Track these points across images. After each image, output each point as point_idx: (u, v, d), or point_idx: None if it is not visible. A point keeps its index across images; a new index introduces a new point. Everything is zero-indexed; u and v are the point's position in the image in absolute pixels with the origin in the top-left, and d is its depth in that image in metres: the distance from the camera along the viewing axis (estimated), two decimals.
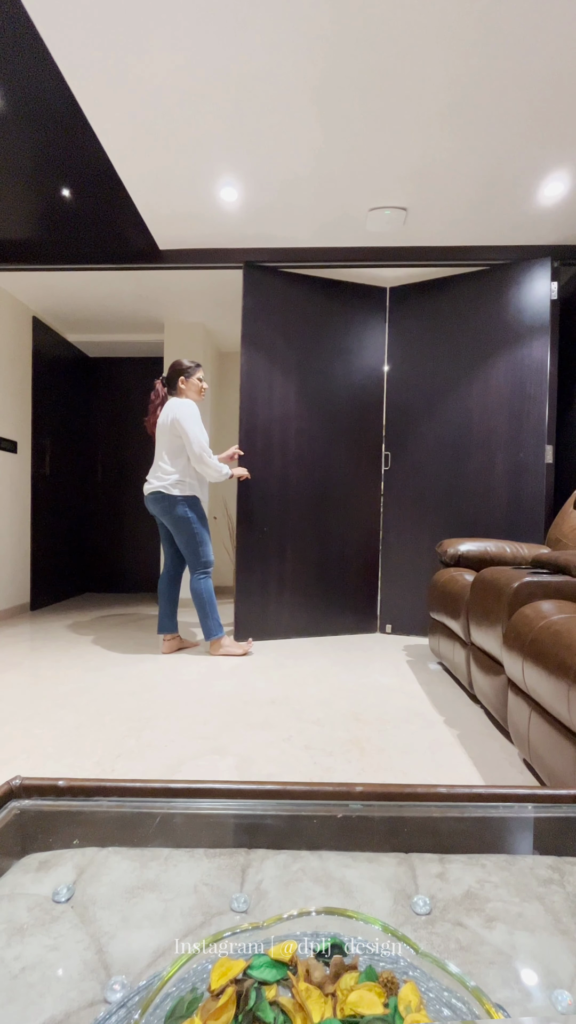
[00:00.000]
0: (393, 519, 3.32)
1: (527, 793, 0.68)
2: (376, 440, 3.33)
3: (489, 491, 3.12)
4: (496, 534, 3.10)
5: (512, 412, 3.07)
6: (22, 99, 1.98)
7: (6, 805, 0.66)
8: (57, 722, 1.83)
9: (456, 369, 3.17)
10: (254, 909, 0.58)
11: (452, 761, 1.57)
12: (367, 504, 3.33)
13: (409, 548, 3.28)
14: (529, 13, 1.64)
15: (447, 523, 3.20)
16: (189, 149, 2.27)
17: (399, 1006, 0.43)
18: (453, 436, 3.19)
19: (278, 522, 3.17)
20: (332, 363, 3.24)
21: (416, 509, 3.26)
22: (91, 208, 2.68)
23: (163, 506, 2.73)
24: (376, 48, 1.77)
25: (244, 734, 1.74)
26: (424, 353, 3.24)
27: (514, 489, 3.08)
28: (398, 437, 3.31)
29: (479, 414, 3.13)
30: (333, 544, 3.27)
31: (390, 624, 3.31)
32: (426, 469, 3.25)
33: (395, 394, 3.31)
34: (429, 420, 3.24)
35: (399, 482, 3.30)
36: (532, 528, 3.06)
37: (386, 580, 3.33)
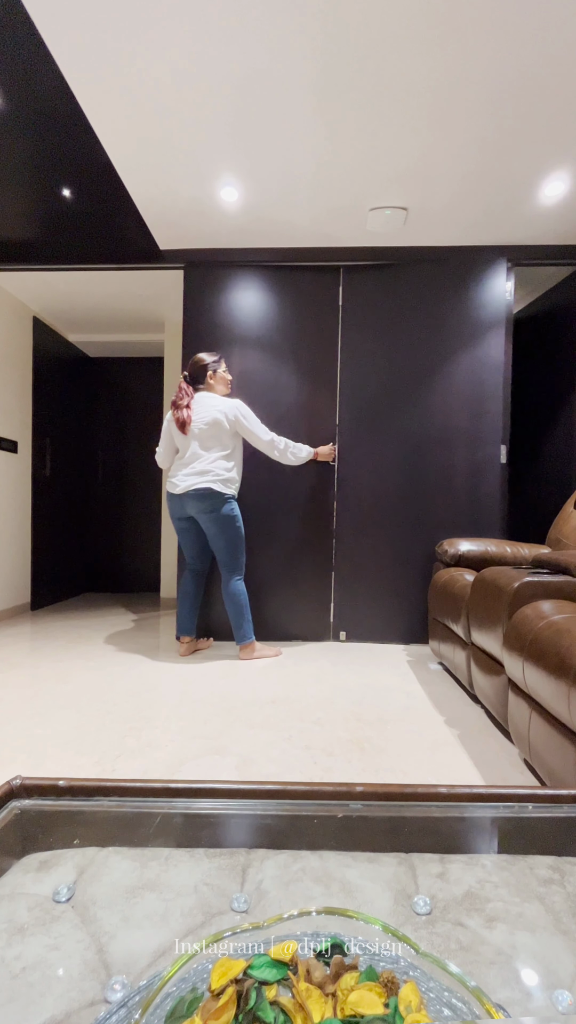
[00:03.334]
0: (349, 519, 3.14)
1: (527, 793, 0.68)
2: (328, 434, 3.13)
3: (450, 490, 3.07)
4: (457, 534, 3.07)
5: (472, 411, 3.05)
6: (22, 99, 1.98)
7: (6, 805, 0.66)
8: (57, 722, 1.83)
9: (415, 363, 3.09)
10: (254, 909, 0.58)
11: (452, 761, 1.57)
12: (319, 503, 3.15)
13: (366, 550, 3.12)
14: (529, 13, 1.64)
15: (407, 523, 3.10)
16: (189, 149, 2.27)
17: (399, 1006, 0.43)
18: (413, 432, 3.10)
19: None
20: (282, 353, 3.12)
21: (375, 508, 3.14)
22: (91, 208, 2.68)
23: (209, 503, 2.63)
24: (375, 48, 1.77)
25: (244, 734, 1.74)
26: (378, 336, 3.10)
27: (474, 488, 3.05)
28: (353, 432, 3.14)
29: (440, 410, 3.08)
30: (282, 546, 3.13)
31: (344, 631, 3.13)
32: (385, 466, 3.14)
33: (349, 386, 3.13)
34: (387, 415, 3.12)
35: (354, 480, 3.14)
36: (490, 528, 3.05)
37: (340, 585, 3.14)
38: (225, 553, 2.72)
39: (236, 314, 3.11)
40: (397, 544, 3.11)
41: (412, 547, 3.09)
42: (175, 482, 2.69)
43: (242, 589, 2.75)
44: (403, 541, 3.10)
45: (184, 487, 2.65)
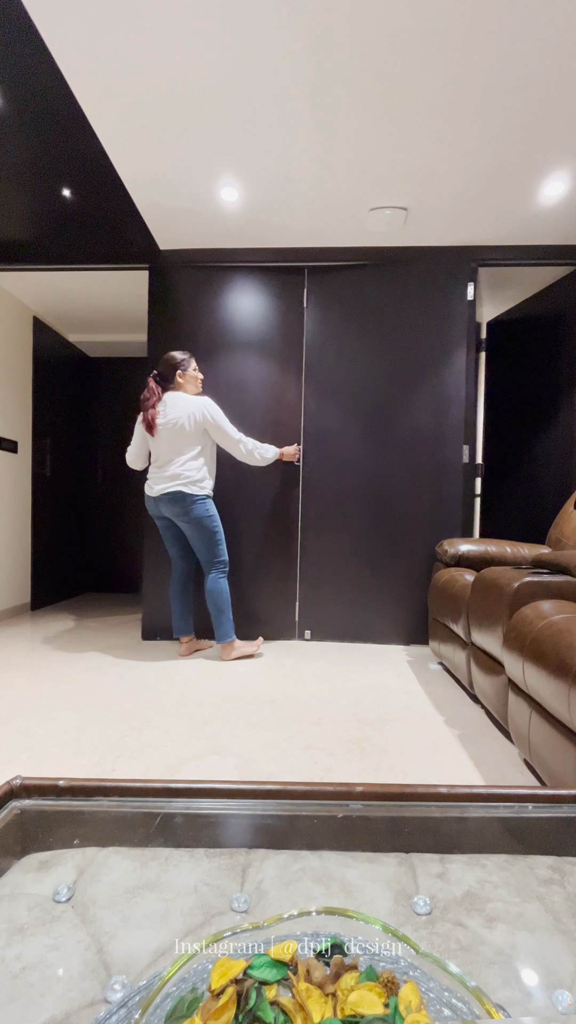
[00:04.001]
0: (313, 520, 3.13)
1: (527, 793, 0.68)
2: (293, 435, 3.13)
3: (413, 490, 3.08)
4: (420, 534, 3.08)
5: (435, 410, 3.06)
6: (22, 99, 1.98)
7: (6, 805, 0.66)
8: (57, 722, 1.83)
9: (380, 361, 3.09)
10: (254, 909, 0.58)
11: (452, 761, 1.57)
12: (284, 503, 3.14)
13: (330, 550, 3.12)
14: (528, 13, 1.64)
15: (371, 523, 3.10)
16: (189, 149, 2.27)
17: (399, 1006, 0.43)
18: (378, 432, 3.10)
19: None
20: (247, 352, 3.12)
21: (339, 509, 3.14)
22: (91, 208, 2.68)
23: (181, 506, 2.65)
24: (375, 48, 1.77)
25: (244, 734, 1.74)
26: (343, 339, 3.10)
27: (437, 488, 3.07)
28: (317, 431, 3.13)
29: (404, 409, 3.08)
30: (247, 546, 3.14)
31: (309, 631, 3.14)
32: (349, 467, 3.13)
33: (315, 387, 3.13)
34: (352, 416, 3.11)
35: (318, 479, 3.13)
36: (452, 528, 3.06)
37: (305, 584, 3.14)
38: (204, 551, 2.72)
39: (204, 315, 3.12)
40: (361, 544, 3.12)
41: (376, 547, 3.11)
42: (151, 484, 2.72)
43: (222, 587, 2.73)
44: (367, 541, 3.12)
45: (158, 491, 2.68)
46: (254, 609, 3.16)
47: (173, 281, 3.12)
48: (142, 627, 3.17)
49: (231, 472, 3.09)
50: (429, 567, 3.07)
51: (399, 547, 3.10)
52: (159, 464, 2.70)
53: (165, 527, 2.81)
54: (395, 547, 3.10)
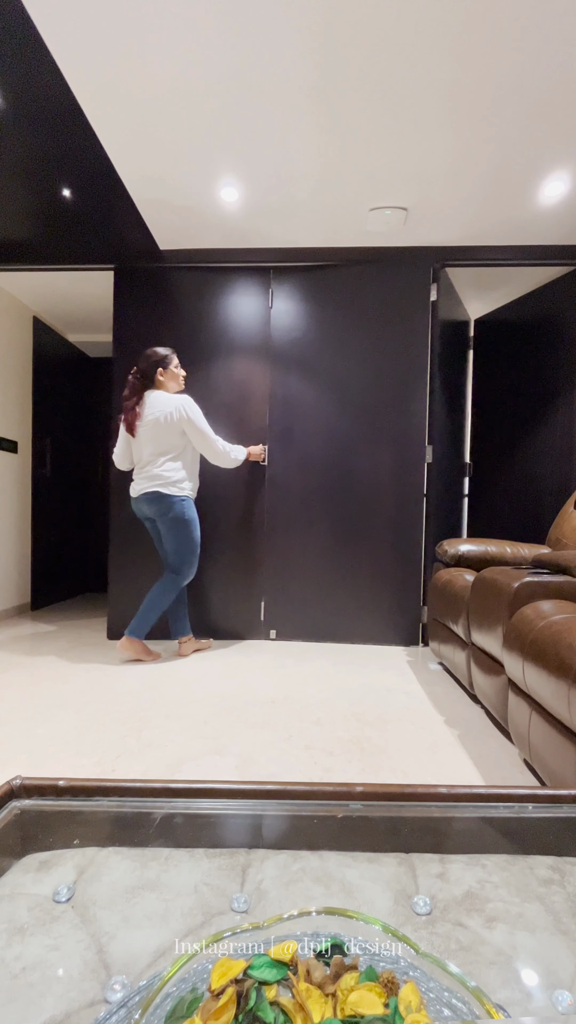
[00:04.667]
0: (279, 520, 3.13)
1: (527, 793, 0.68)
2: (259, 435, 3.12)
3: (377, 490, 3.09)
4: (384, 535, 3.09)
5: (399, 410, 3.07)
6: (22, 99, 1.98)
7: (6, 805, 0.66)
8: (57, 722, 1.83)
9: (346, 361, 3.09)
10: (254, 909, 0.58)
11: (452, 761, 1.57)
12: (249, 503, 3.14)
13: (296, 550, 3.12)
14: (528, 12, 1.64)
15: (337, 523, 3.11)
16: (189, 149, 2.27)
17: (399, 1006, 0.43)
18: (343, 432, 3.10)
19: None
20: (212, 351, 3.12)
21: (305, 508, 3.13)
22: (91, 208, 2.68)
23: (161, 506, 2.63)
24: (375, 48, 1.77)
25: (244, 734, 1.74)
26: (308, 338, 3.11)
27: (400, 488, 3.08)
28: (283, 432, 3.12)
29: (368, 409, 3.09)
30: (213, 545, 3.11)
31: (274, 630, 3.13)
32: (314, 467, 3.13)
33: (280, 386, 3.13)
34: (316, 416, 3.11)
35: (283, 480, 3.14)
36: (414, 528, 3.07)
37: (271, 584, 3.13)
38: (176, 553, 2.68)
39: (170, 316, 3.13)
40: (327, 544, 3.13)
41: (341, 547, 3.12)
42: (133, 485, 2.71)
43: (170, 593, 2.68)
44: (332, 541, 3.12)
45: (137, 491, 2.67)
46: (218, 608, 3.16)
47: (138, 281, 3.13)
48: (108, 626, 3.17)
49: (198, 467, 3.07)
50: (393, 567, 3.10)
51: (363, 547, 3.11)
52: (140, 464, 2.68)
53: (152, 529, 2.79)
54: (359, 547, 3.11)
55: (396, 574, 3.11)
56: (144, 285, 3.13)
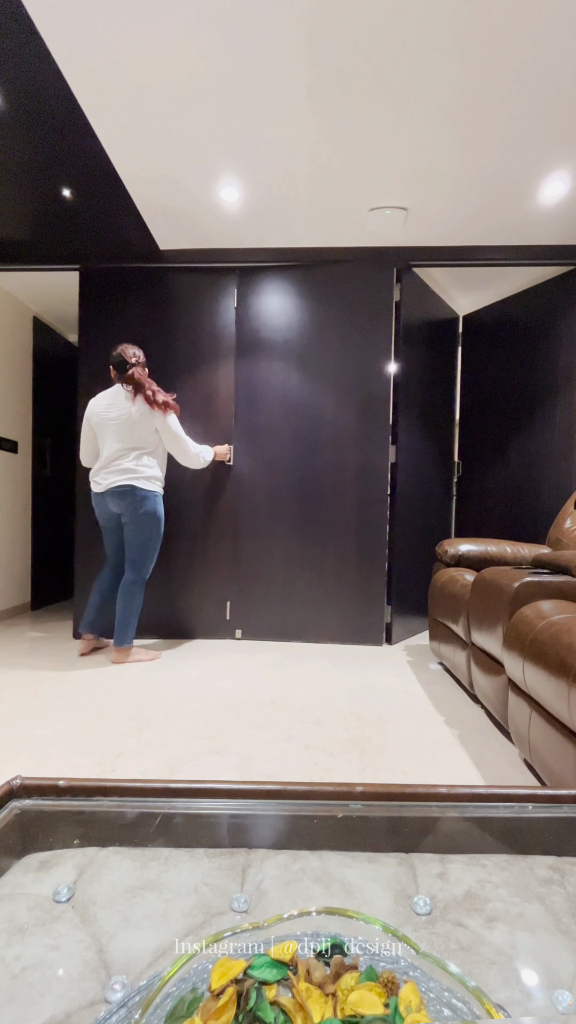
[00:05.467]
0: (245, 519, 3.14)
1: (527, 793, 0.68)
2: (225, 435, 3.14)
3: (341, 490, 3.10)
4: (348, 535, 3.10)
5: (361, 411, 3.08)
6: (22, 99, 1.98)
7: (6, 805, 0.66)
8: (57, 722, 1.83)
9: (307, 360, 3.11)
10: (254, 909, 0.58)
11: (452, 761, 1.57)
12: (215, 502, 3.15)
13: (262, 550, 3.13)
14: (529, 12, 1.64)
15: (301, 522, 3.12)
16: (189, 149, 2.27)
17: (399, 1006, 0.43)
18: (306, 430, 3.11)
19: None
20: (176, 350, 3.13)
21: (270, 508, 3.14)
22: (91, 208, 2.68)
23: (131, 501, 2.60)
24: (375, 48, 1.77)
25: (244, 734, 1.74)
26: (274, 340, 3.13)
27: (363, 488, 3.09)
28: (249, 432, 3.14)
29: (331, 409, 3.10)
30: (179, 544, 3.13)
31: (240, 629, 3.15)
32: (280, 466, 3.13)
33: (244, 383, 3.14)
34: (282, 416, 3.12)
35: (249, 480, 3.14)
36: (378, 528, 3.08)
37: (236, 583, 3.15)
38: (140, 550, 2.66)
39: (136, 315, 3.13)
40: (292, 543, 3.14)
41: (307, 547, 3.13)
42: (97, 480, 2.66)
43: (138, 593, 2.68)
44: (298, 541, 3.13)
45: (106, 484, 2.62)
46: (183, 608, 3.16)
47: (105, 281, 3.13)
48: (74, 625, 3.16)
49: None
50: (358, 567, 3.11)
51: (329, 547, 3.12)
52: (110, 458, 2.63)
53: (109, 529, 2.75)
54: (325, 547, 3.12)
55: (361, 574, 3.11)
56: (111, 285, 3.13)
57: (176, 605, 3.15)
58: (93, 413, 2.67)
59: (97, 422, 2.66)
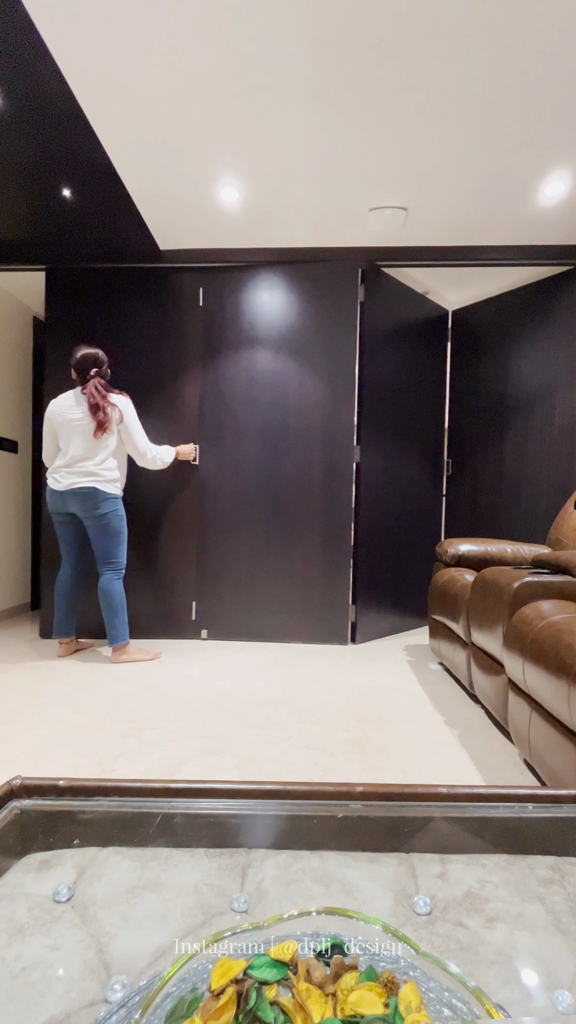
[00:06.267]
0: (211, 519, 3.14)
1: (527, 793, 0.68)
2: (190, 434, 3.14)
3: (307, 489, 3.11)
4: (314, 535, 3.10)
5: (326, 410, 3.09)
6: (22, 99, 1.98)
7: (6, 805, 0.66)
8: (57, 722, 1.83)
9: (275, 360, 3.11)
10: (254, 909, 0.58)
11: (453, 761, 1.57)
12: (181, 502, 3.15)
13: (228, 549, 3.13)
14: (529, 12, 1.64)
15: (267, 522, 3.12)
16: (189, 149, 2.27)
17: (399, 1006, 0.43)
18: (272, 430, 3.12)
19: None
20: (140, 350, 3.14)
21: (236, 508, 3.14)
22: (91, 208, 2.68)
23: (92, 502, 2.61)
24: (376, 48, 1.77)
25: (244, 734, 1.74)
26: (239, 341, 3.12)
27: (328, 487, 3.10)
28: (215, 431, 3.14)
29: (297, 409, 3.10)
30: (145, 544, 3.11)
31: (206, 629, 3.14)
32: (246, 466, 3.14)
33: (210, 383, 3.14)
34: (247, 412, 3.13)
35: (215, 479, 3.14)
36: (343, 527, 3.09)
37: (202, 583, 3.14)
38: (106, 550, 2.67)
39: (102, 317, 3.14)
40: (258, 543, 3.14)
41: (272, 547, 3.13)
42: (57, 478, 2.66)
43: (117, 588, 2.69)
44: (264, 541, 3.13)
45: (66, 484, 2.62)
46: (149, 608, 3.15)
47: (71, 280, 3.14)
48: (40, 625, 3.16)
49: (128, 470, 3.02)
50: (323, 566, 3.11)
51: (295, 547, 3.12)
52: (74, 459, 2.63)
53: (62, 523, 2.74)
54: (291, 547, 3.12)
55: (327, 574, 3.12)
56: (76, 285, 3.14)
57: (142, 605, 3.14)
58: (55, 413, 2.67)
59: (59, 422, 2.66)
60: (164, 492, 3.16)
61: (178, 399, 3.15)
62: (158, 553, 3.15)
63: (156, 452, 2.78)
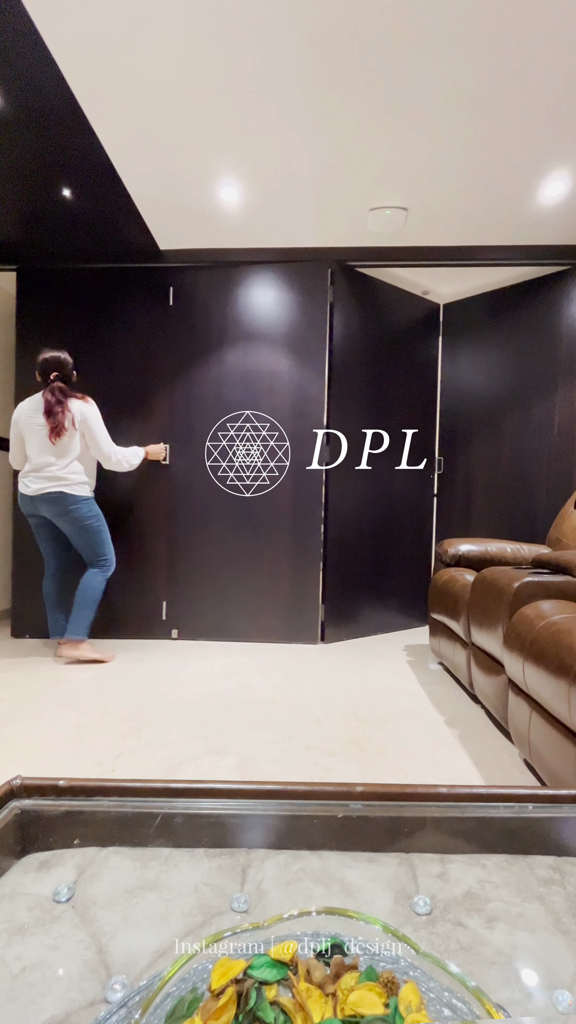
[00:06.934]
0: (182, 518, 3.14)
1: (527, 793, 0.68)
2: (161, 431, 3.14)
3: (276, 489, 3.11)
4: (283, 534, 3.11)
5: (295, 409, 3.10)
6: (22, 99, 1.98)
7: (6, 805, 0.66)
8: (57, 722, 1.83)
9: (246, 358, 3.12)
10: (254, 909, 0.58)
11: (452, 761, 1.57)
12: (151, 502, 3.15)
13: (198, 549, 3.13)
14: (529, 12, 1.64)
15: (237, 521, 3.12)
16: (189, 149, 2.27)
17: (399, 1006, 0.43)
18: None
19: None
20: (113, 350, 3.13)
21: (207, 506, 3.14)
22: (91, 208, 2.68)
23: (62, 506, 2.61)
24: (376, 48, 1.77)
25: (244, 734, 1.74)
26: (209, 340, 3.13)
27: (297, 485, 3.10)
28: (183, 429, 3.14)
29: (267, 407, 3.11)
30: (116, 543, 3.01)
31: (176, 629, 3.14)
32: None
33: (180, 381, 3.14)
34: (217, 411, 3.13)
35: (185, 477, 3.15)
36: (313, 527, 3.09)
37: (173, 583, 3.15)
38: (87, 550, 2.69)
39: (72, 317, 3.14)
40: (228, 542, 3.14)
41: (243, 547, 3.13)
42: (27, 483, 2.65)
43: (98, 585, 2.68)
44: (234, 541, 3.14)
45: (35, 489, 2.62)
46: (118, 608, 3.15)
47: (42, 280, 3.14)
48: (12, 624, 3.16)
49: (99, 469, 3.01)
50: (293, 566, 3.12)
51: (265, 547, 3.12)
52: (40, 464, 2.62)
53: (38, 525, 2.74)
54: (261, 547, 3.13)
55: (296, 573, 3.12)
56: (49, 285, 3.14)
57: (111, 605, 3.13)
58: (20, 417, 2.66)
59: (25, 426, 2.65)
60: (134, 492, 3.16)
61: (149, 398, 3.15)
62: (129, 553, 3.14)
63: (122, 455, 2.76)
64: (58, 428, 2.58)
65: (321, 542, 3.12)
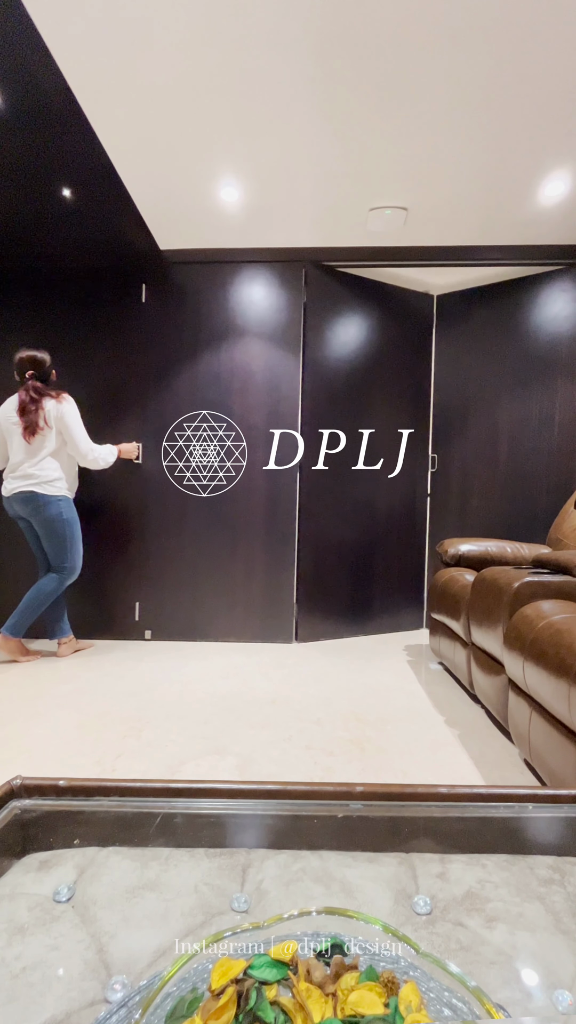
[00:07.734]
0: (155, 518, 3.15)
1: (527, 793, 0.68)
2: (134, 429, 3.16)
3: (250, 490, 3.12)
4: (258, 535, 3.12)
5: (270, 409, 3.10)
6: (22, 99, 1.98)
7: (7, 805, 0.66)
8: (57, 722, 1.83)
9: (220, 357, 3.12)
10: (255, 909, 0.58)
11: (453, 761, 1.57)
12: (124, 501, 3.15)
13: (173, 550, 3.14)
14: (529, 12, 1.64)
15: (212, 521, 3.12)
16: (190, 149, 2.27)
17: (400, 1006, 0.43)
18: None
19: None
20: (92, 351, 3.15)
21: (182, 506, 3.14)
22: (91, 208, 2.68)
23: (35, 506, 2.60)
24: (376, 48, 1.77)
25: (244, 734, 1.74)
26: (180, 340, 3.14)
27: (271, 489, 3.11)
28: (156, 430, 3.15)
29: (241, 406, 3.11)
30: (89, 545, 3.02)
31: (150, 630, 3.14)
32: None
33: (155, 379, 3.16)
34: (192, 410, 3.13)
35: (159, 477, 3.15)
36: (288, 529, 3.10)
37: (146, 584, 3.15)
38: (55, 552, 2.67)
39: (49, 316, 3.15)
40: (203, 544, 3.13)
41: (217, 547, 3.13)
42: (6, 484, 2.66)
43: (50, 589, 2.65)
44: (208, 541, 3.13)
45: (9, 490, 2.63)
46: (92, 609, 3.15)
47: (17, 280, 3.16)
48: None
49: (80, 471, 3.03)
50: (267, 566, 3.12)
51: (240, 547, 3.12)
52: (13, 463, 2.64)
53: (27, 527, 2.74)
54: (236, 547, 3.13)
55: (270, 574, 3.12)
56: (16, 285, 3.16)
57: (84, 605, 3.12)
58: (1, 417, 2.67)
59: (5, 426, 2.66)
60: (107, 491, 3.15)
61: (121, 396, 3.15)
62: (101, 553, 3.14)
63: (98, 453, 2.76)
64: (32, 427, 2.58)
65: (295, 542, 3.12)
